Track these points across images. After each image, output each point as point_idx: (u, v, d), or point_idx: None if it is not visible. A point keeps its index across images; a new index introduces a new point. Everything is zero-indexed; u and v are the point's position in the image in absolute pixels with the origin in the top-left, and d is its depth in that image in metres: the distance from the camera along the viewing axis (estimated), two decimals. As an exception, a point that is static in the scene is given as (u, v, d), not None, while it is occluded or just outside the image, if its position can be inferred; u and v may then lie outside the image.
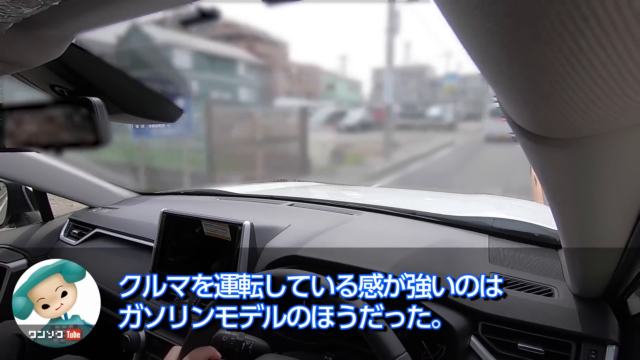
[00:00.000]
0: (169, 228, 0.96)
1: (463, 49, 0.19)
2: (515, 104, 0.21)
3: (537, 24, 0.14)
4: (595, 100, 0.17)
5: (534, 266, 0.74)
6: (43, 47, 0.35)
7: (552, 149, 0.23)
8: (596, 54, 0.14)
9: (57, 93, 0.46)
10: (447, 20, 0.18)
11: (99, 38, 3.17)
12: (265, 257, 0.84)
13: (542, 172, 0.30)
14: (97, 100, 0.39)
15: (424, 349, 0.71)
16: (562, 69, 0.16)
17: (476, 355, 0.62)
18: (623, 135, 0.21)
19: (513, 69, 0.18)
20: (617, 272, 0.53)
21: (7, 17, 0.25)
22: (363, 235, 0.88)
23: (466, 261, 0.75)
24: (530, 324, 0.60)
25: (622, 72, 0.15)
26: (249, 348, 0.68)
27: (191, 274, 0.91)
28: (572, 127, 0.20)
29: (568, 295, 0.64)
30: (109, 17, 0.31)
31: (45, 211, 1.38)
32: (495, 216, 0.95)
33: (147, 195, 1.50)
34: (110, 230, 1.19)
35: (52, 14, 0.27)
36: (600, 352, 0.56)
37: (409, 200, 1.31)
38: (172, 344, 0.85)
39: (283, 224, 0.95)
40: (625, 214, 0.37)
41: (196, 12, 0.39)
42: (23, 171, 1.17)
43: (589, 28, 0.13)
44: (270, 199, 1.29)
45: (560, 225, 0.44)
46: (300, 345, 0.74)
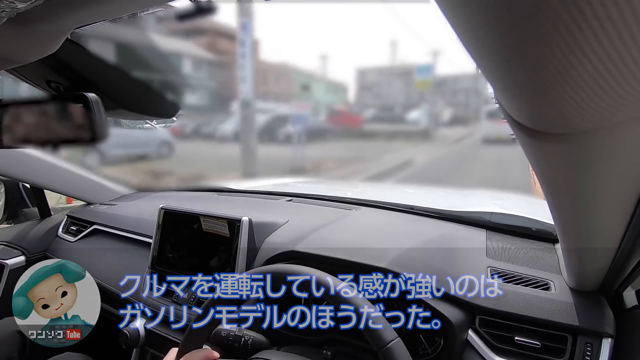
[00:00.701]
0: (167, 224, 0.96)
1: (460, 44, 0.19)
2: (513, 99, 0.21)
3: (535, 19, 0.14)
4: (592, 95, 0.17)
5: (531, 260, 0.75)
6: (38, 42, 0.34)
7: (549, 144, 0.24)
8: (594, 49, 0.14)
9: (53, 89, 0.46)
10: (445, 15, 0.17)
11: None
12: (264, 253, 0.84)
13: (539, 167, 0.30)
14: (94, 96, 0.39)
15: (422, 343, 0.72)
16: (559, 64, 0.16)
17: (474, 349, 0.63)
18: (619, 130, 0.21)
19: (511, 64, 0.18)
20: (613, 265, 0.53)
21: (1, 12, 0.25)
22: (361, 230, 0.88)
23: (464, 256, 0.75)
24: (527, 317, 0.61)
25: (619, 67, 0.15)
26: (248, 343, 0.68)
27: (189, 270, 0.92)
28: (569, 122, 0.20)
29: (565, 288, 0.65)
30: (103, 13, 0.31)
31: (42, 208, 1.37)
32: (493, 211, 0.95)
33: (145, 191, 1.50)
34: (109, 226, 1.19)
35: (46, 9, 0.26)
36: (596, 345, 0.57)
37: (407, 196, 1.32)
38: (171, 339, 0.86)
39: (281, 220, 0.95)
40: (622, 208, 0.37)
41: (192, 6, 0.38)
42: (20, 168, 1.16)
43: (587, 23, 0.13)
44: (268, 195, 1.29)
45: (557, 219, 0.44)
46: (299, 339, 0.75)
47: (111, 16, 0.32)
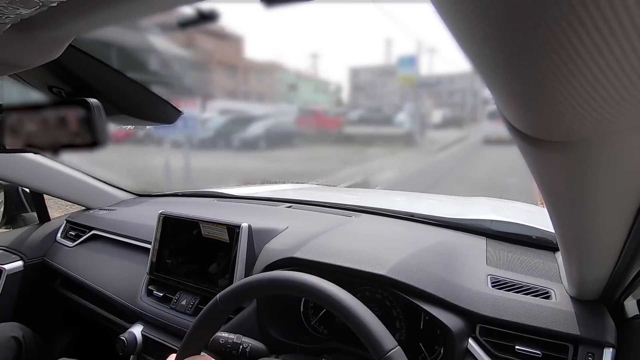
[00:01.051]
0: (167, 230, 0.96)
1: (461, 52, 0.19)
2: (513, 107, 0.21)
3: (534, 29, 0.14)
4: (593, 103, 0.17)
5: (532, 268, 0.75)
6: (41, 48, 0.34)
7: (549, 152, 0.24)
8: (593, 59, 0.14)
9: (55, 94, 0.46)
10: (444, 23, 0.18)
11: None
12: (263, 259, 0.84)
13: (539, 175, 0.31)
14: (95, 102, 0.39)
15: (422, 352, 0.71)
16: (559, 73, 0.16)
17: (474, 358, 0.62)
18: (619, 138, 0.21)
19: (510, 72, 0.18)
20: (614, 274, 0.53)
21: (5, 18, 0.25)
22: (361, 237, 0.88)
23: (464, 263, 0.75)
24: (527, 326, 0.60)
25: (619, 76, 0.15)
26: (246, 350, 0.68)
27: (188, 276, 0.91)
28: (569, 130, 0.20)
29: (565, 297, 0.64)
30: (107, 19, 0.31)
31: (41, 212, 1.37)
32: (492, 218, 0.95)
33: (144, 196, 1.49)
34: (108, 232, 1.19)
35: (50, 15, 0.27)
36: (598, 355, 0.56)
37: (407, 203, 1.32)
38: (169, 346, 0.85)
39: (281, 226, 0.95)
40: (622, 217, 0.37)
41: (195, 13, 0.39)
42: (20, 172, 1.16)
43: (586, 32, 0.13)
44: (268, 201, 1.29)
45: (557, 227, 0.44)
46: (298, 348, 0.74)
47: (114, 22, 0.32)
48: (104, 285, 1.05)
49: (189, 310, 0.88)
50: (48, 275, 1.26)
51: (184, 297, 0.90)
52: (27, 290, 1.23)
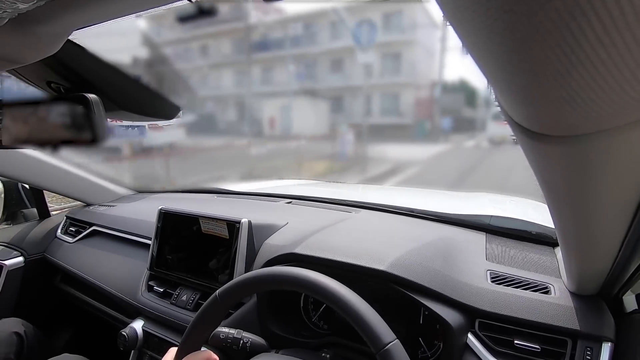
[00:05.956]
0: (167, 226, 0.96)
1: (462, 46, 0.19)
2: (514, 101, 0.21)
3: (535, 20, 0.14)
4: (593, 97, 0.17)
5: (531, 263, 0.75)
6: (39, 43, 0.34)
7: (549, 147, 0.23)
8: (595, 51, 0.14)
9: (53, 90, 0.46)
10: (446, 16, 0.18)
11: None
12: (263, 255, 0.84)
13: (539, 170, 0.30)
14: (94, 97, 0.39)
15: (421, 346, 0.72)
16: (560, 66, 0.16)
17: (473, 352, 0.62)
18: (620, 133, 0.21)
19: (511, 65, 0.18)
20: (613, 269, 0.53)
21: (2, 12, 0.25)
22: (361, 232, 0.88)
23: (463, 259, 0.75)
24: (526, 321, 0.61)
25: (620, 69, 0.15)
26: (247, 345, 0.68)
27: (188, 271, 0.91)
28: (569, 124, 0.20)
29: (564, 292, 0.65)
30: (105, 14, 0.31)
31: (41, 209, 1.37)
32: (492, 214, 0.95)
33: (144, 192, 1.50)
34: (108, 227, 1.19)
35: (48, 10, 0.26)
36: (596, 349, 0.57)
37: (407, 199, 1.32)
38: (170, 341, 0.86)
39: (281, 222, 0.95)
40: (622, 212, 0.37)
41: (192, 8, 0.38)
42: (19, 168, 1.16)
43: (588, 24, 0.13)
44: (268, 197, 1.29)
45: (557, 222, 0.44)
46: (298, 342, 0.74)
47: (112, 17, 0.32)
48: (105, 281, 1.05)
49: (189, 306, 0.88)
50: (49, 271, 1.26)
51: (184, 293, 0.91)
52: (27, 286, 1.23)
